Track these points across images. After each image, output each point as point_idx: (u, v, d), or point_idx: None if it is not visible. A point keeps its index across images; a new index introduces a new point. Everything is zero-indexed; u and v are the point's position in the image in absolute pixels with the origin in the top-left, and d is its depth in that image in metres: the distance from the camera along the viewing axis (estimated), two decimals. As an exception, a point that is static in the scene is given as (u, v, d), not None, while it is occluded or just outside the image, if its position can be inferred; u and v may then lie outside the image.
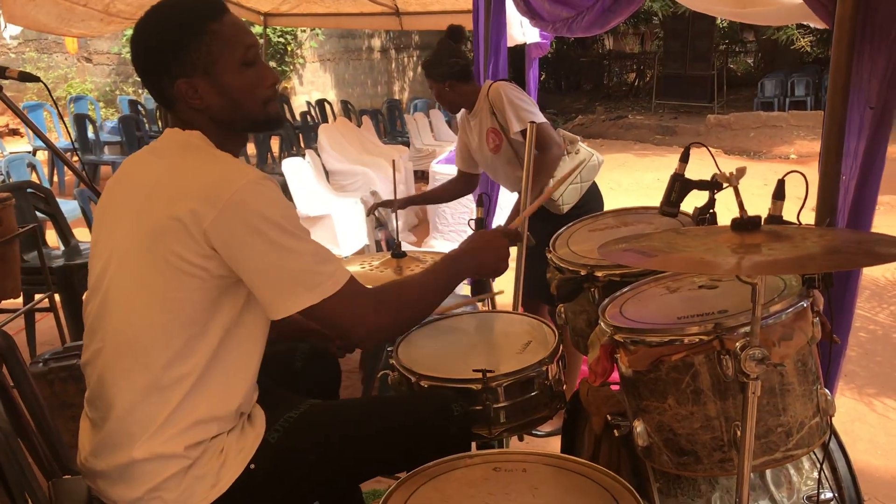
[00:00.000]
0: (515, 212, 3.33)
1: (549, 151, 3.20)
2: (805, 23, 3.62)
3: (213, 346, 1.58)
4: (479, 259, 1.90)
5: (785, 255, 1.27)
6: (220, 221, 1.48)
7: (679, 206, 2.03)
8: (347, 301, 1.59)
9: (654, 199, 2.15)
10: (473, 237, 1.97)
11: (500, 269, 1.94)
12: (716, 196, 2.03)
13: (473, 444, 2.04)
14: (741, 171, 1.45)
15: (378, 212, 4.23)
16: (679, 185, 1.97)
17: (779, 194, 1.59)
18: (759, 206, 1.43)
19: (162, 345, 1.55)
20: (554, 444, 2.51)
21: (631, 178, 10.73)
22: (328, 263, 1.58)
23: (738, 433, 1.51)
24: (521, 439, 2.13)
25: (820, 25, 3.53)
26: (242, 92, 1.63)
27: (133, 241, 1.57)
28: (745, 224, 1.37)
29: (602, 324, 1.74)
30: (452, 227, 6.69)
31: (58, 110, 2.24)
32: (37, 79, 2.14)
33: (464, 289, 4.71)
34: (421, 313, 1.83)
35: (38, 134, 2.35)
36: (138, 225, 1.57)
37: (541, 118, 3.24)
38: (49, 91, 2.22)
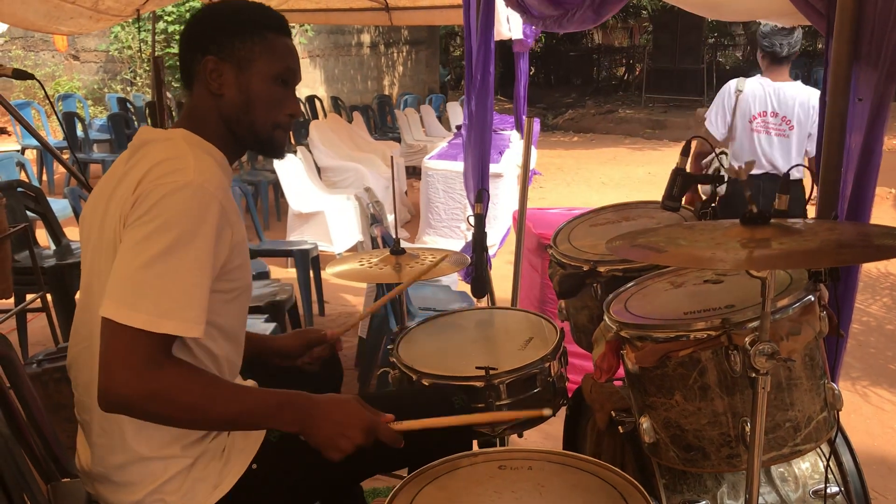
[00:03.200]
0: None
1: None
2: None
3: (186, 345, 1.54)
4: (315, 427, 1.53)
5: (796, 249, 1.26)
6: (137, 200, 1.45)
7: (681, 201, 2.02)
8: (130, 345, 1.37)
9: (646, 193, 2.14)
10: (342, 404, 1.57)
11: (329, 455, 1.54)
12: (718, 190, 2.03)
13: (475, 442, 2.03)
14: (750, 166, 1.44)
15: (372, 207, 4.22)
16: (681, 180, 1.96)
17: (784, 189, 1.58)
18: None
19: None
20: (555, 441, 2.50)
21: (622, 173, 10.75)
22: (165, 301, 1.39)
23: (746, 428, 1.51)
24: (520, 436, 2.12)
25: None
26: (261, 102, 1.63)
27: (103, 241, 1.55)
28: (755, 218, 1.36)
29: (607, 320, 1.73)
30: (445, 223, 6.68)
31: (53, 107, 2.22)
32: (31, 76, 2.11)
33: (459, 285, 4.69)
34: (186, 422, 1.49)
35: (33, 133, 2.32)
36: (106, 224, 1.55)
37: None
38: (44, 88, 2.19)
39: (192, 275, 1.43)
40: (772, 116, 3.78)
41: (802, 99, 3.78)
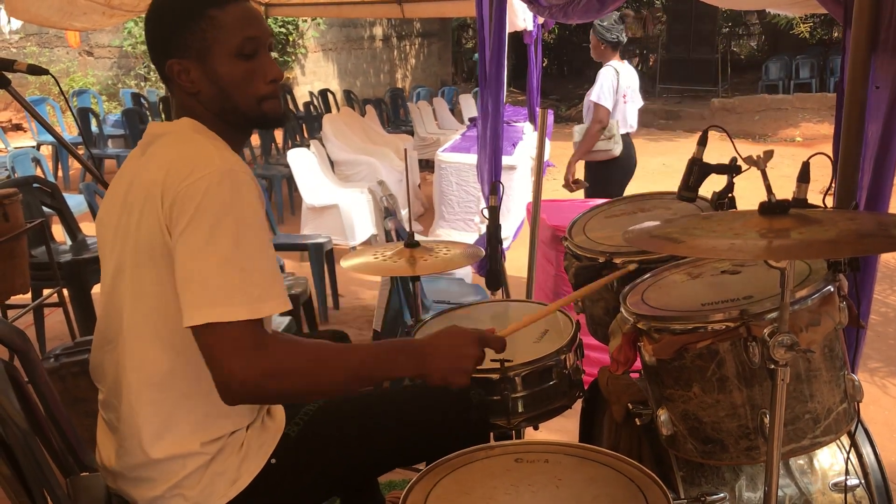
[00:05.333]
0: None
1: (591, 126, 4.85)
2: (786, 12, 3.59)
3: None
4: (432, 361, 1.55)
5: (816, 239, 1.25)
6: (176, 205, 1.42)
7: (697, 191, 1.99)
8: (235, 337, 1.38)
9: (662, 184, 2.12)
10: (443, 332, 1.61)
11: (456, 381, 1.57)
12: (734, 180, 2.01)
13: (491, 435, 2.03)
14: (768, 155, 1.42)
15: (386, 200, 4.22)
16: (697, 170, 1.94)
17: (803, 177, 1.55)
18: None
19: (152, 340, 1.52)
20: (572, 434, 2.49)
21: (637, 164, 10.67)
22: (256, 287, 1.40)
23: (765, 420, 1.49)
24: (535, 428, 2.11)
25: (800, 12, 3.50)
26: (233, 84, 1.56)
27: (123, 237, 1.55)
28: (773, 208, 1.34)
29: (623, 311, 1.72)
30: (459, 216, 6.67)
31: (68, 103, 2.22)
32: (46, 71, 2.11)
33: (472, 278, 4.68)
34: (308, 391, 1.52)
35: (48, 128, 2.33)
36: (125, 219, 1.55)
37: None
38: (58, 83, 2.20)
39: (263, 254, 1.44)
40: (628, 90, 5.06)
41: (634, 75, 5.18)
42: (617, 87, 4.94)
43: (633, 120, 5.16)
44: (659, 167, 10.27)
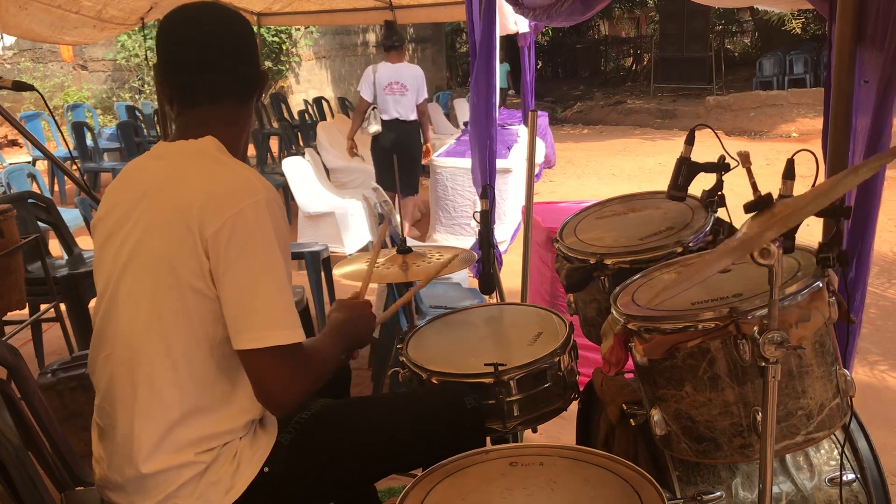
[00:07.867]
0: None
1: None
2: (774, 7, 3.58)
3: (213, 361, 1.55)
4: (355, 329, 1.82)
5: (796, 208, 1.24)
6: (222, 234, 1.47)
7: (687, 190, 2.00)
8: (286, 361, 1.51)
9: (658, 183, 2.12)
10: (344, 307, 1.86)
11: (367, 340, 1.88)
12: (723, 178, 2.01)
13: (488, 439, 2.03)
14: (745, 157, 1.42)
15: (381, 207, 4.21)
16: (686, 169, 1.94)
17: (788, 174, 1.55)
18: (763, 186, 1.40)
19: (161, 356, 1.53)
20: (568, 436, 2.49)
21: (633, 164, 10.69)
22: (291, 315, 1.53)
23: (758, 418, 1.49)
24: (534, 431, 2.11)
25: (787, 9, 3.50)
26: None
27: (136, 248, 1.55)
28: (756, 204, 1.34)
29: (614, 312, 1.71)
30: (455, 221, 6.67)
31: (55, 119, 2.22)
32: (31, 87, 2.11)
33: (470, 282, 4.69)
34: (321, 384, 1.66)
35: (37, 145, 2.33)
36: (139, 231, 1.55)
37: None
38: (45, 100, 2.19)
39: (287, 283, 1.54)
40: (396, 84, 6.23)
41: (412, 72, 6.32)
42: (374, 82, 6.23)
43: (404, 109, 6.28)
44: (655, 166, 10.28)
